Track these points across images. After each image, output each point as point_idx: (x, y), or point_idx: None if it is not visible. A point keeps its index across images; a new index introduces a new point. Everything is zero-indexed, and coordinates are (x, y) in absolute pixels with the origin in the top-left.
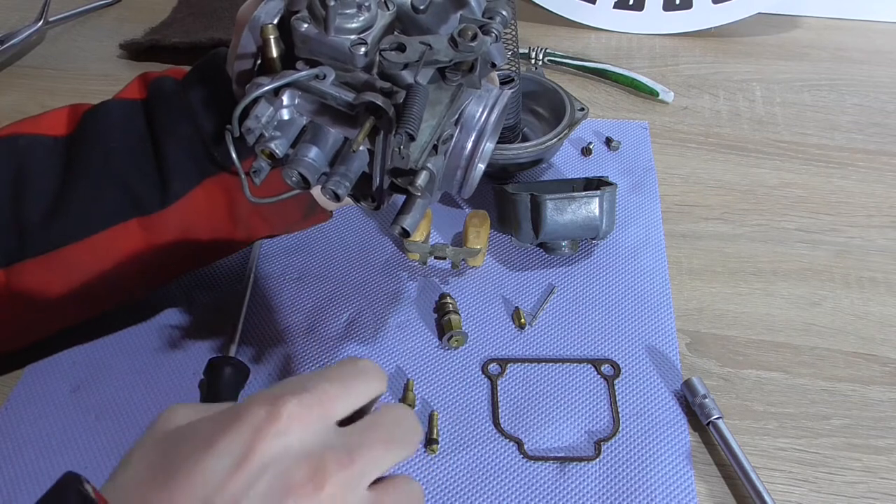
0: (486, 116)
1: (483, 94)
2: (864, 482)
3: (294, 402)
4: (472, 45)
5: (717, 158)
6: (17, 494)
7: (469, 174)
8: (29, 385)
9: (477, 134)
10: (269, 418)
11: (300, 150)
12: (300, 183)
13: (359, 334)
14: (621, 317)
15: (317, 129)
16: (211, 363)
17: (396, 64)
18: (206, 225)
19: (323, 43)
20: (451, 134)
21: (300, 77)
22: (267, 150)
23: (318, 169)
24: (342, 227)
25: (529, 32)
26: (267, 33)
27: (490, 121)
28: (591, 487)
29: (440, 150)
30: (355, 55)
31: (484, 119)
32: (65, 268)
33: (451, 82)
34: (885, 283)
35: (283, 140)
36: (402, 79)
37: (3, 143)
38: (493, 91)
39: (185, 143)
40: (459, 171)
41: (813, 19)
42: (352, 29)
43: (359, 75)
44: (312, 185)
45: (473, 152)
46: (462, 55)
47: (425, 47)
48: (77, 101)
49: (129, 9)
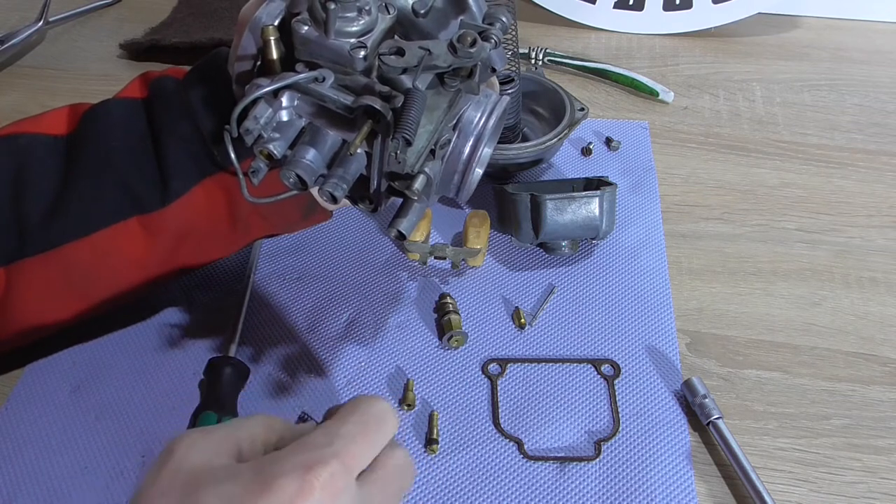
0: (484, 122)
1: (482, 99)
2: (864, 482)
3: (326, 474)
4: (472, 52)
5: (717, 158)
6: (17, 494)
7: (466, 179)
8: (29, 385)
9: (475, 139)
10: (300, 493)
11: (298, 152)
12: (297, 184)
13: (359, 334)
14: (621, 317)
15: (315, 132)
16: (211, 363)
17: (395, 68)
18: (206, 224)
19: (323, 46)
20: (448, 139)
21: (299, 79)
22: (265, 150)
23: (315, 171)
24: (342, 227)
25: (529, 32)
26: (268, 34)
27: (488, 126)
28: (591, 487)
29: (438, 155)
30: (355, 59)
31: (482, 124)
32: (64, 266)
33: (449, 88)
34: (885, 283)
35: (282, 141)
36: (401, 83)
37: (3, 142)
38: (492, 97)
39: (185, 143)
40: (457, 176)
41: (813, 19)
42: (352, 32)
43: (358, 79)
44: (310, 187)
45: (471, 157)
46: (461, 61)
47: (424, 52)
48: (77, 101)
49: (129, 9)
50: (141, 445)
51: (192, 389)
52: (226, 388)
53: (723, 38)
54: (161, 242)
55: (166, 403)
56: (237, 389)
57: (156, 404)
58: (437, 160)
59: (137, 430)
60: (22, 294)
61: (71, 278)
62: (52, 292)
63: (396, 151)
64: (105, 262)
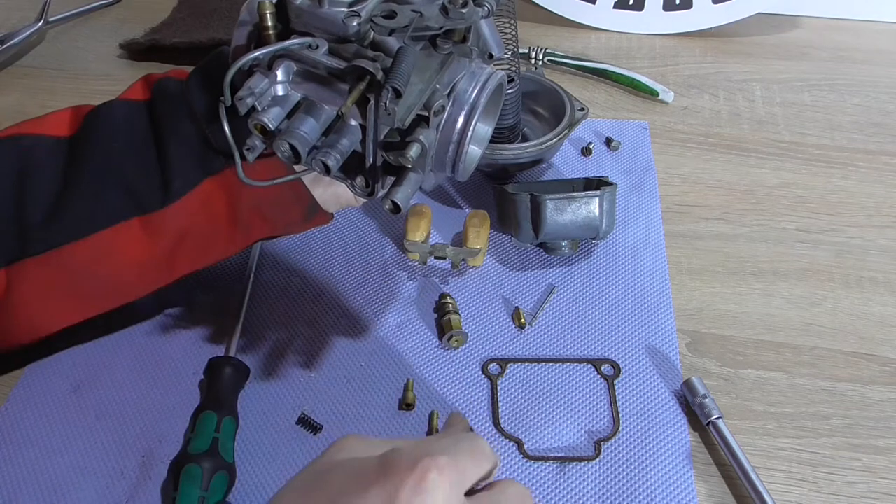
0: (478, 91)
1: (477, 70)
2: (864, 482)
3: (437, 465)
4: (463, 13)
5: (717, 158)
6: (17, 494)
7: (461, 151)
8: (29, 385)
9: (469, 107)
10: (415, 477)
11: (292, 123)
12: (291, 157)
13: (359, 334)
14: (621, 317)
15: (311, 106)
16: (211, 363)
17: (386, 28)
18: (207, 224)
19: (316, 15)
20: (442, 105)
21: (291, 45)
22: (259, 123)
23: (309, 141)
24: (342, 227)
25: (529, 32)
26: (263, 8)
27: (482, 95)
28: (591, 487)
29: (432, 124)
30: (348, 26)
31: (476, 94)
32: (65, 267)
33: (441, 50)
34: (885, 283)
35: (276, 111)
36: (392, 46)
37: (6, 143)
38: (487, 69)
39: (187, 143)
40: (452, 146)
41: (813, 19)
42: (345, 2)
43: (351, 47)
44: (303, 159)
45: (465, 127)
46: (453, 22)
47: (416, 14)
48: (77, 100)
49: (129, 9)
50: (141, 445)
51: (192, 389)
52: (226, 388)
53: (723, 38)
54: (161, 243)
55: (166, 403)
56: (237, 389)
57: (156, 404)
58: (431, 129)
59: (137, 430)
60: (22, 295)
61: (71, 279)
62: (53, 293)
63: (386, 102)
64: (105, 263)
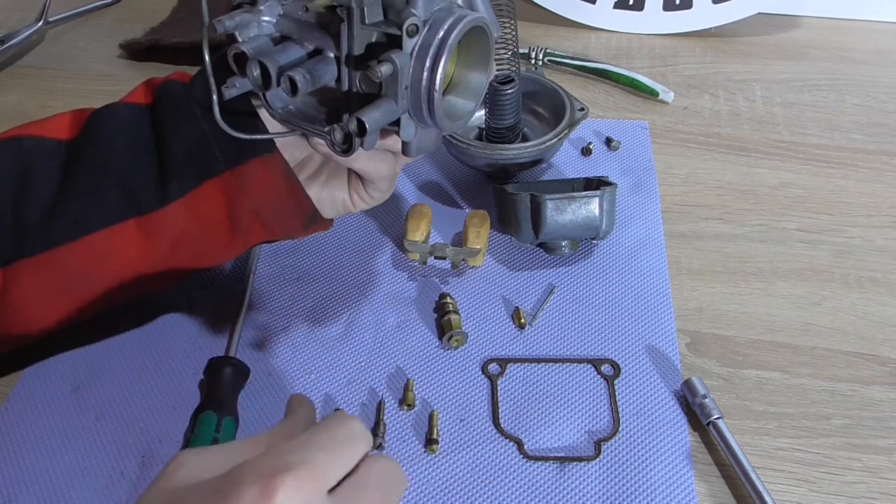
0: (456, 19)
1: (457, 9)
2: (864, 482)
3: (289, 479)
4: None
5: (717, 158)
6: (17, 494)
7: (435, 78)
8: (29, 385)
9: (444, 31)
10: (261, 499)
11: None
12: (259, 83)
13: (359, 334)
14: (621, 317)
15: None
16: (211, 363)
17: None
18: (205, 227)
19: None
20: (415, 25)
21: None
22: (237, 51)
23: (278, 62)
24: (342, 227)
25: (529, 32)
26: None
27: (461, 22)
28: (591, 487)
29: (406, 48)
30: None
31: (453, 21)
32: (61, 268)
33: None
34: (885, 283)
35: (255, 43)
36: None
37: (7, 144)
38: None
39: (186, 144)
40: (426, 74)
41: (813, 19)
42: None
43: None
44: (273, 84)
45: (438, 53)
46: None
47: None
48: (77, 100)
49: (129, 9)
50: (141, 445)
51: (192, 389)
52: (226, 388)
53: (723, 38)
54: (158, 245)
55: (166, 403)
56: (237, 389)
57: (156, 404)
58: (405, 54)
59: (137, 430)
60: (19, 295)
61: (68, 280)
62: (50, 294)
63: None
64: (101, 264)
